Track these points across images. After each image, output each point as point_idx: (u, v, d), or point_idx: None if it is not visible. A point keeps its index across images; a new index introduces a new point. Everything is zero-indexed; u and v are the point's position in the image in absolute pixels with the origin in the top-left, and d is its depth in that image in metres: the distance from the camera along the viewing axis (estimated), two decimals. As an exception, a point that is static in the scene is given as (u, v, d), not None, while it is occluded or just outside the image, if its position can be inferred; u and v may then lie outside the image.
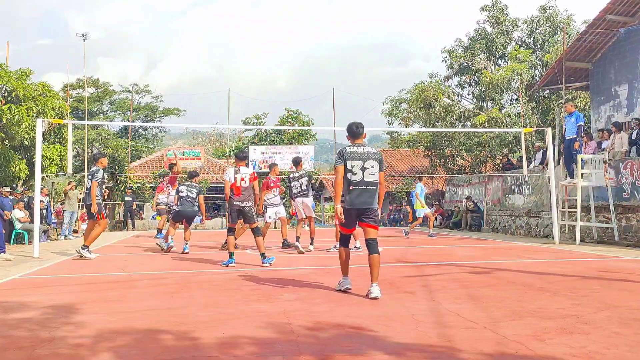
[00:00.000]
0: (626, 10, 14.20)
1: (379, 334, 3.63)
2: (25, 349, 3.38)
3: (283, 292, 5.40)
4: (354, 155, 5.22)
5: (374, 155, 5.27)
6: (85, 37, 24.22)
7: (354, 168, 5.19)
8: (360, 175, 5.18)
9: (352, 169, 5.19)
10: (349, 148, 5.30)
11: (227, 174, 7.92)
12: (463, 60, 22.56)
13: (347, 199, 5.21)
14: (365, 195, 5.20)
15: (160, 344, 3.47)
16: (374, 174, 5.23)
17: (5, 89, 14.29)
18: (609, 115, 15.35)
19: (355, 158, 5.21)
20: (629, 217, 10.98)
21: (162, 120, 39.59)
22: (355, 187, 5.18)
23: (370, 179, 5.21)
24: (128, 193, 22.67)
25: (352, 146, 5.34)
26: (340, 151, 5.31)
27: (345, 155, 5.22)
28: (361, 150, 5.27)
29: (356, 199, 5.19)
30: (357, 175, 5.18)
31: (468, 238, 13.74)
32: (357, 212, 5.23)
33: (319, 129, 26.50)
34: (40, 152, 9.98)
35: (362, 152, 5.25)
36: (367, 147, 5.34)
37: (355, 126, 5.44)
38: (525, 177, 14.75)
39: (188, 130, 55.56)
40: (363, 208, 5.21)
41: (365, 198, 5.20)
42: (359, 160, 5.20)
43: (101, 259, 9.43)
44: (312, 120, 28.99)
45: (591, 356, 3.08)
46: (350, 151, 5.24)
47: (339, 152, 5.33)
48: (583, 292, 5.23)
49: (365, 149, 5.30)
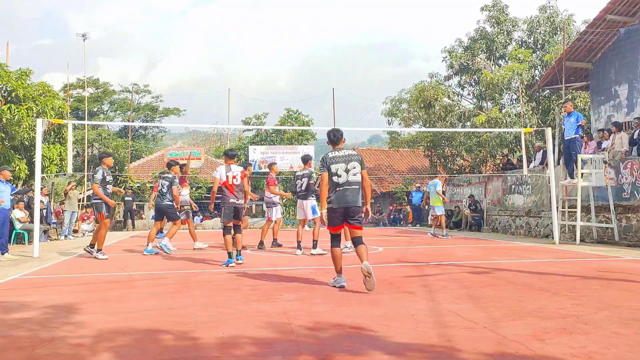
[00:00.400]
0: (626, 10, 14.20)
1: (379, 334, 3.63)
2: (25, 349, 3.38)
3: (283, 292, 5.40)
4: (337, 159, 5.68)
5: (355, 157, 5.72)
6: (85, 37, 24.26)
7: (339, 171, 5.62)
8: (345, 177, 5.61)
9: (336, 172, 5.62)
10: (331, 153, 5.76)
11: (218, 172, 7.96)
12: (463, 60, 22.55)
13: (333, 199, 5.62)
14: (350, 195, 5.60)
15: (160, 344, 3.47)
16: (357, 174, 5.65)
17: (5, 89, 14.30)
18: (609, 115, 15.35)
19: (339, 162, 5.66)
20: (629, 217, 10.98)
21: (162, 120, 39.65)
22: (341, 188, 5.59)
23: (354, 179, 5.63)
24: (128, 193, 22.66)
25: (334, 151, 5.79)
26: (323, 158, 5.77)
27: (328, 161, 5.68)
28: (342, 153, 5.72)
29: (342, 198, 5.59)
30: (342, 177, 5.61)
31: (468, 238, 13.74)
32: (343, 210, 5.60)
33: (319, 129, 26.46)
34: (40, 152, 9.98)
35: (343, 155, 5.71)
36: (347, 150, 5.80)
37: (333, 134, 5.92)
38: (525, 177, 14.75)
39: (188, 130, 55.63)
40: (349, 206, 5.58)
41: (350, 197, 5.60)
42: (343, 163, 5.64)
43: (101, 259, 9.43)
44: (312, 120, 29.02)
45: (591, 356, 3.08)
46: (332, 156, 5.71)
47: (322, 159, 5.78)
48: (583, 292, 5.23)
49: (346, 152, 5.76)
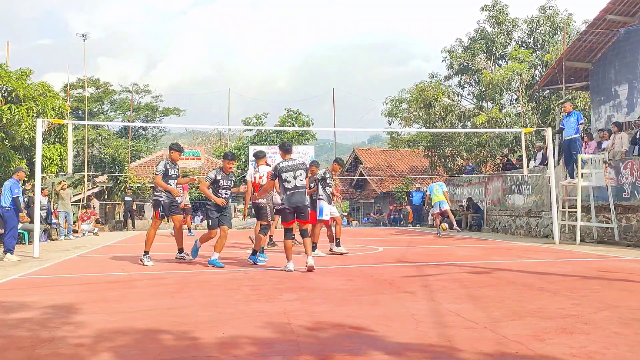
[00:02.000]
0: (626, 10, 14.20)
1: (379, 334, 3.63)
2: (26, 349, 3.38)
3: (283, 292, 5.40)
4: (286, 168, 6.90)
5: (301, 166, 7.03)
6: (86, 37, 24.28)
7: (288, 177, 6.86)
8: (293, 183, 6.86)
9: (286, 179, 6.85)
10: (282, 163, 6.96)
11: (248, 175, 8.53)
12: (463, 60, 22.55)
13: (285, 201, 6.87)
14: (297, 197, 6.87)
15: (160, 344, 3.47)
16: (302, 180, 6.93)
17: (5, 89, 14.28)
18: (609, 115, 15.35)
19: (288, 170, 6.89)
20: (629, 217, 10.98)
21: (162, 120, 39.61)
22: (290, 192, 6.85)
23: (300, 184, 6.91)
24: (128, 193, 22.67)
25: (284, 161, 7.01)
26: (276, 167, 6.97)
27: (279, 170, 6.90)
28: (291, 163, 6.98)
29: (292, 199, 6.85)
30: (291, 182, 6.86)
31: (468, 238, 13.74)
32: (293, 209, 6.87)
33: (319, 129, 26.52)
34: (40, 152, 9.97)
35: (292, 164, 6.95)
36: (295, 160, 7.11)
37: (287, 145, 7.26)
38: (525, 177, 14.75)
39: (188, 130, 55.64)
40: (298, 206, 6.86)
41: (297, 198, 6.87)
42: (291, 171, 6.88)
43: (101, 259, 9.44)
44: (312, 121, 29.02)
45: (591, 356, 3.08)
46: (282, 166, 6.92)
47: (274, 168, 7.02)
48: (583, 292, 5.23)
49: (294, 161, 7.05)
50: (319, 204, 9.61)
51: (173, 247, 8.97)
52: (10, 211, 9.36)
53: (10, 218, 9.40)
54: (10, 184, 9.44)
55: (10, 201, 9.33)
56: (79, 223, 17.52)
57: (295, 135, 28.32)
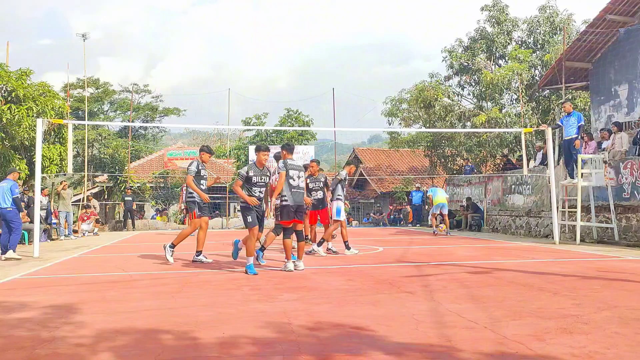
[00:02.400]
0: (626, 10, 14.19)
1: (379, 334, 3.63)
2: (26, 349, 3.38)
3: (283, 292, 5.40)
4: (294, 166, 7.08)
5: (302, 168, 7.27)
6: (86, 37, 24.22)
7: (294, 176, 7.01)
8: (297, 182, 7.02)
9: (293, 177, 7.00)
10: (290, 161, 7.07)
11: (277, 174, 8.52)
12: (463, 60, 22.54)
13: (289, 198, 6.92)
14: (300, 196, 7.06)
15: (160, 344, 3.47)
16: (303, 181, 7.19)
17: (5, 89, 14.28)
18: (609, 115, 15.34)
19: (295, 169, 7.07)
20: (629, 217, 10.98)
21: (162, 120, 39.59)
22: (295, 190, 6.99)
23: (302, 185, 7.16)
24: (128, 193, 22.65)
25: (290, 160, 7.12)
26: (285, 162, 7.03)
27: (288, 166, 7.01)
28: (296, 163, 7.20)
29: (296, 198, 6.99)
30: (296, 181, 7.02)
31: (468, 238, 13.74)
32: (296, 208, 6.96)
33: (319, 129, 26.42)
34: (40, 152, 9.98)
35: (296, 164, 7.18)
36: (297, 162, 7.32)
37: (291, 146, 7.40)
38: (525, 177, 14.75)
39: (188, 130, 55.49)
40: (300, 205, 7.04)
41: (300, 197, 7.06)
42: (297, 170, 7.08)
43: (101, 259, 9.44)
44: (312, 120, 28.92)
45: (591, 356, 3.08)
46: (291, 163, 7.07)
47: (283, 162, 7.03)
48: (583, 292, 5.23)
49: (297, 162, 7.27)
50: (336, 204, 9.58)
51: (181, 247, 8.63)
52: (13, 211, 9.40)
53: (15, 217, 9.46)
54: (9, 184, 9.45)
55: (11, 201, 9.36)
56: (79, 223, 17.52)
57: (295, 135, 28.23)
